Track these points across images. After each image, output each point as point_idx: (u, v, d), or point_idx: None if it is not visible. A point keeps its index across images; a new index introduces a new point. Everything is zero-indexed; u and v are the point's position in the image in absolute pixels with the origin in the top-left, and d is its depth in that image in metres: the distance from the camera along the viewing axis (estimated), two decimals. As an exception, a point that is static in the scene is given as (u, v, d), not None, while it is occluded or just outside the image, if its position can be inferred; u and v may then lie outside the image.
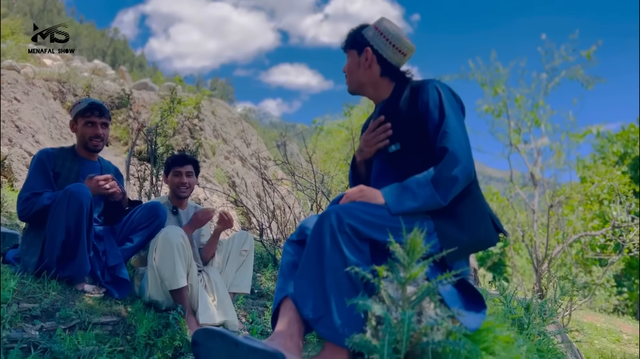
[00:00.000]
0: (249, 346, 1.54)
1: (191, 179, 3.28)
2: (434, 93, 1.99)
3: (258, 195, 4.78)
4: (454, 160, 1.84)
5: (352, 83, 2.22)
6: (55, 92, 7.56)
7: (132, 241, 2.93)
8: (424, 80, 2.08)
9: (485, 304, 1.78)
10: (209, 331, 1.61)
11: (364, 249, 1.73)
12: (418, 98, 2.02)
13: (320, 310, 1.66)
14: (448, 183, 1.83)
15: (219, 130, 9.35)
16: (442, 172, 1.84)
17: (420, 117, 2.00)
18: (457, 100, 2.04)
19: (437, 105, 1.96)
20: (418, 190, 1.84)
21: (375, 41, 2.14)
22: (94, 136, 2.92)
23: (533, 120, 8.53)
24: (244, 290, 3.28)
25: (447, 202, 1.84)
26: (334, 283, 1.67)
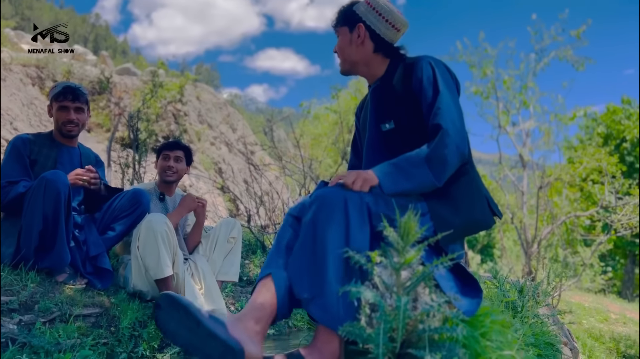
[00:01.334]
0: (209, 331, 1.46)
1: (179, 165, 3.18)
2: (427, 69, 1.91)
3: (245, 181, 4.67)
4: (448, 138, 1.77)
5: (345, 62, 2.13)
6: (33, 78, 7.33)
7: (114, 229, 2.82)
8: (418, 57, 2.00)
9: (481, 289, 1.72)
10: (174, 299, 1.53)
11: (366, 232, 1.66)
12: (412, 75, 1.95)
13: (315, 289, 1.58)
14: (441, 162, 1.76)
15: (204, 116, 9.17)
16: (436, 150, 1.77)
17: (414, 94, 1.93)
18: (451, 76, 1.97)
19: (431, 82, 1.88)
20: (411, 169, 1.77)
21: (368, 16, 2.05)
22: (67, 121, 2.80)
23: (522, 102, 8.48)
24: (232, 278, 3.21)
25: (442, 183, 1.77)
26: (333, 263, 1.59)
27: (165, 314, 1.55)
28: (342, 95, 13.51)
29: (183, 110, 8.13)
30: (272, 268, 1.75)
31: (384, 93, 2.04)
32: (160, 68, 8.11)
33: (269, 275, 1.72)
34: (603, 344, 5.01)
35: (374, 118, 2.09)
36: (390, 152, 1.94)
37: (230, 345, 1.45)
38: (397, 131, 1.99)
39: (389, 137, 2.01)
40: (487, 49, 8.88)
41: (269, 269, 1.75)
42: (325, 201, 1.64)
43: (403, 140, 1.95)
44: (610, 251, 17.67)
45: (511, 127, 8.38)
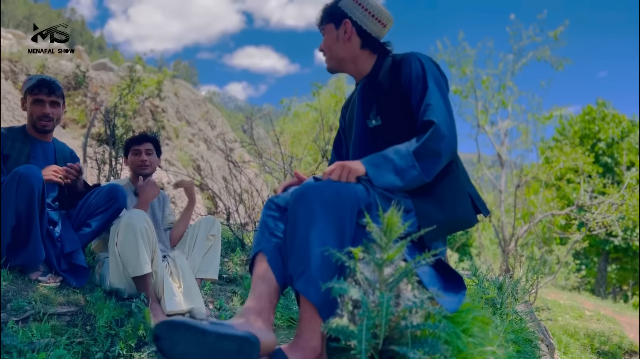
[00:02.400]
0: (217, 333, 1.44)
1: (152, 157, 3.13)
2: (417, 65, 1.91)
3: (224, 179, 4.63)
4: (439, 134, 1.78)
5: (332, 59, 2.11)
6: (6, 72, 7.14)
7: (90, 226, 2.76)
8: (407, 53, 2.00)
9: (464, 286, 1.72)
10: (171, 324, 1.49)
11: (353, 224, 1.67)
12: (401, 71, 1.94)
13: (302, 265, 1.57)
14: (432, 156, 1.76)
15: (182, 112, 9.06)
16: (426, 145, 1.77)
17: (402, 90, 1.93)
18: (440, 73, 1.97)
19: (420, 78, 1.88)
20: (399, 161, 1.76)
21: (354, 12, 2.04)
22: (42, 115, 2.72)
23: (500, 101, 8.60)
24: (212, 276, 3.17)
25: (431, 178, 1.77)
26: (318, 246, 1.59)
27: (168, 342, 1.50)
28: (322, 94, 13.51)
29: (161, 106, 8.02)
30: (262, 244, 1.76)
31: (371, 90, 2.03)
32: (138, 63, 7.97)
33: (259, 252, 1.74)
34: (578, 340, 5.11)
35: (360, 115, 2.08)
36: (377, 148, 1.93)
37: (244, 338, 1.44)
38: (384, 127, 1.98)
39: (376, 133, 2.01)
40: (466, 48, 9.02)
41: (259, 246, 1.76)
42: (311, 191, 1.63)
43: (390, 136, 1.95)
44: (585, 249, 18.05)
45: (490, 126, 8.51)
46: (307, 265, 1.59)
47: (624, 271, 20.16)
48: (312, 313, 1.59)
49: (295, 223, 1.65)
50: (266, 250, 1.74)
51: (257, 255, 1.76)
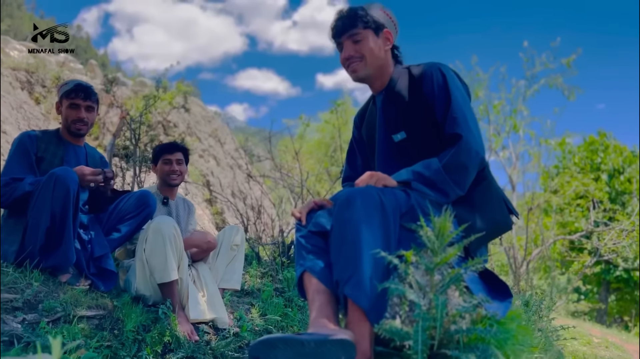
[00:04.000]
0: (315, 341, 1.45)
1: (182, 167, 3.15)
2: (438, 76, 1.93)
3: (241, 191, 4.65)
4: (466, 146, 1.80)
5: (370, 65, 2.03)
6: (23, 82, 7.22)
7: (120, 231, 2.77)
8: (426, 64, 2.00)
9: (510, 293, 1.74)
10: (267, 342, 1.48)
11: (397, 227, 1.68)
12: (422, 83, 1.96)
13: (350, 270, 1.58)
14: (462, 170, 1.79)
15: (193, 128, 9.14)
16: (455, 159, 1.79)
17: (426, 103, 1.94)
18: (462, 82, 1.99)
19: (443, 90, 1.90)
20: (431, 176, 1.79)
21: (387, 23, 2.07)
22: (77, 119, 2.76)
23: (512, 125, 8.69)
24: (234, 286, 3.16)
25: (465, 191, 1.80)
26: (367, 250, 1.59)
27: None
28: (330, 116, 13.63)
29: (173, 121, 8.10)
30: (305, 264, 1.78)
31: (392, 103, 2.04)
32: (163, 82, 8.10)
33: (304, 271, 1.76)
34: (588, 366, 5.05)
35: (383, 128, 2.08)
36: (405, 161, 1.95)
37: (342, 340, 1.46)
38: (409, 140, 1.99)
39: (402, 146, 2.01)
40: (479, 72, 9.14)
41: (302, 266, 1.78)
42: (358, 195, 1.65)
43: (416, 149, 1.96)
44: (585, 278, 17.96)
45: (501, 149, 8.59)
46: (355, 269, 1.60)
47: (625, 302, 20.03)
48: (360, 317, 1.60)
49: (342, 228, 1.66)
50: (309, 267, 1.76)
51: (303, 275, 1.79)
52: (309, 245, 1.83)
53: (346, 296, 1.61)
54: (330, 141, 14.25)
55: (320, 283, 1.73)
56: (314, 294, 1.74)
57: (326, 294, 1.72)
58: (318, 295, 1.72)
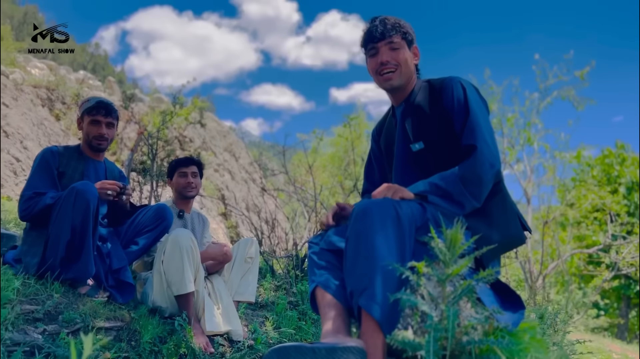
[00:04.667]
0: (327, 349, 1.48)
1: (196, 180, 3.22)
2: (458, 90, 1.97)
3: (256, 205, 4.71)
4: (482, 157, 1.83)
5: (404, 75, 2.06)
6: (44, 99, 7.40)
7: (138, 244, 2.83)
8: (446, 78, 2.04)
9: (523, 305, 1.74)
10: (281, 350, 1.52)
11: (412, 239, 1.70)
12: (442, 95, 2.00)
13: (364, 282, 1.61)
14: (477, 181, 1.81)
15: (209, 143, 9.27)
16: (470, 170, 1.82)
17: (445, 115, 1.97)
18: (480, 97, 2.03)
19: (462, 102, 1.93)
20: (448, 187, 1.82)
21: (415, 40, 2.14)
22: (98, 135, 2.84)
23: (526, 138, 8.67)
24: (249, 298, 3.19)
25: (481, 202, 1.82)
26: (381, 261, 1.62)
27: None
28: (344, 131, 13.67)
29: (189, 136, 8.23)
30: (317, 279, 1.84)
31: (412, 114, 2.07)
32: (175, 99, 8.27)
33: (316, 287, 1.82)
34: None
35: (402, 139, 2.11)
36: (422, 171, 1.98)
37: (353, 348, 1.51)
38: (427, 151, 2.02)
39: (420, 156, 2.05)
40: (492, 86, 9.15)
41: (314, 282, 1.84)
42: (374, 207, 1.68)
43: (434, 160, 1.99)
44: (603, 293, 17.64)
45: (516, 162, 8.58)
46: (369, 281, 1.62)
47: (645, 318, 19.65)
48: (374, 328, 1.62)
49: (358, 239, 1.69)
50: (321, 283, 1.81)
51: (315, 291, 1.84)
52: (321, 261, 1.87)
53: (360, 307, 1.63)
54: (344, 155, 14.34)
55: (332, 297, 1.77)
56: (325, 307, 1.77)
57: (338, 307, 1.75)
58: (330, 308, 1.76)
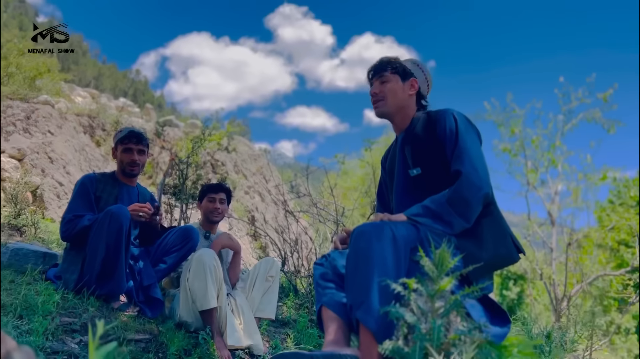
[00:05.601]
0: (325, 355, 1.67)
1: (223, 206, 3.44)
2: (450, 120, 2.14)
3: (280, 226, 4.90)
4: (467, 181, 1.98)
5: (391, 104, 2.31)
6: (85, 127, 7.88)
7: (166, 262, 3.06)
8: (441, 110, 2.24)
9: (509, 320, 1.87)
10: (283, 356, 1.72)
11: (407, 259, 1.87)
12: (436, 125, 2.18)
13: (362, 296, 1.78)
14: (463, 203, 1.96)
15: (240, 166, 9.59)
16: (456, 193, 1.97)
17: (439, 143, 2.15)
18: (472, 126, 2.19)
19: (453, 132, 2.11)
20: (438, 210, 1.98)
21: (418, 74, 2.33)
22: (130, 162, 3.10)
23: (550, 161, 8.64)
24: (269, 315, 3.36)
25: (471, 222, 1.97)
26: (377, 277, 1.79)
27: None
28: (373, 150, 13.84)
29: (220, 160, 8.57)
30: (321, 299, 2.04)
31: (411, 142, 2.26)
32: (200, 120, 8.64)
33: (321, 306, 2.01)
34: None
35: (401, 164, 2.30)
36: (420, 194, 2.15)
37: (348, 356, 1.71)
38: (424, 176, 2.19)
39: (417, 181, 2.22)
40: (515, 109, 9.19)
41: (320, 302, 2.04)
42: (371, 228, 1.86)
43: (430, 184, 2.16)
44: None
45: (540, 184, 8.54)
46: (366, 295, 1.79)
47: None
48: (370, 339, 1.78)
49: (356, 258, 1.87)
50: (326, 302, 2.02)
51: (321, 309, 2.04)
52: (326, 282, 2.08)
53: (358, 319, 1.80)
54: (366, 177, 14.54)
55: (333, 312, 1.96)
56: (328, 322, 1.96)
57: (339, 322, 1.93)
58: (332, 323, 1.94)
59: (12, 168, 5.89)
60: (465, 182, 1.97)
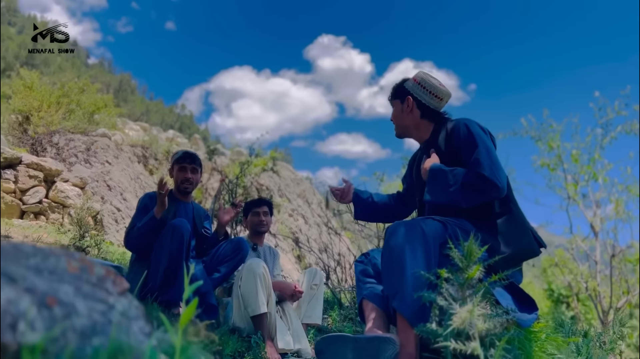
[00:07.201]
0: (366, 338, 1.89)
1: (267, 218, 3.71)
2: (464, 130, 2.34)
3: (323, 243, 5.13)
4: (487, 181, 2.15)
5: (398, 127, 2.61)
6: (139, 157, 8.42)
7: (220, 271, 3.32)
8: (456, 120, 2.45)
9: (537, 307, 2.02)
10: (329, 339, 1.95)
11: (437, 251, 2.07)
12: (452, 135, 2.38)
13: (397, 286, 1.97)
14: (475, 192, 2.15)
15: (283, 190, 9.94)
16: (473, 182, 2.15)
17: (456, 151, 2.35)
18: (484, 132, 2.37)
19: (468, 139, 2.30)
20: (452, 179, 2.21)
21: (415, 90, 2.55)
22: (184, 179, 3.41)
23: (590, 174, 8.56)
24: (316, 321, 3.56)
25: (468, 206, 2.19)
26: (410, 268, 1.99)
27: (329, 354, 1.98)
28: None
29: (265, 184, 8.94)
30: (362, 292, 2.26)
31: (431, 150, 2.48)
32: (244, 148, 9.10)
33: (362, 299, 2.23)
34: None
35: None
36: None
37: (388, 338, 1.90)
38: None
39: None
40: (552, 124, 9.18)
41: (360, 295, 2.27)
42: (402, 226, 2.07)
43: None
44: None
45: (581, 198, 8.43)
46: (400, 286, 1.99)
47: None
48: (406, 324, 1.97)
49: (389, 253, 2.08)
50: (366, 295, 2.24)
51: (362, 302, 2.25)
52: (366, 277, 2.30)
53: (394, 308, 2.00)
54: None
55: (374, 305, 2.17)
56: (369, 312, 2.17)
57: (378, 311, 2.14)
58: (372, 312, 2.14)
59: (76, 196, 6.39)
60: (483, 178, 2.14)
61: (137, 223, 3.17)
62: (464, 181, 2.17)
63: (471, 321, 1.81)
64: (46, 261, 0.92)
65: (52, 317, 0.75)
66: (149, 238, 3.11)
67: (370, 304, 2.19)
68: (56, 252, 0.98)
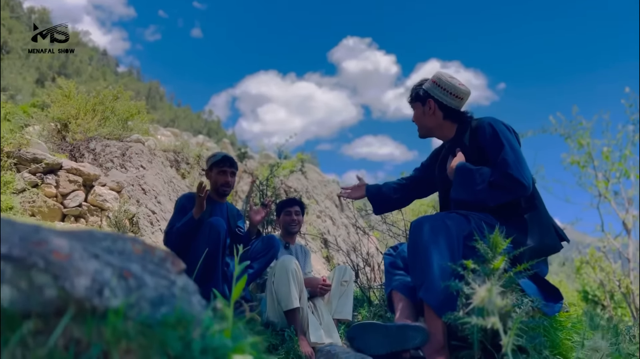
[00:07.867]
0: (397, 326, 2.00)
1: (299, 217, 3.84)
2: (489, 129, 2.40)
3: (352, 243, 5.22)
4: (514, 179, 2.21)
5: (422, 129, 2.68)
6: (171, 161, 8.68)
7: (253, 267, 3.45)
8: (481, 119, 2.51)
9: (562, 297, 2.08)
10: (361, 326, 2.07)
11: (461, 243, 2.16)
12: (478, 134, 2.44)
13: (423, 277, 2.06)
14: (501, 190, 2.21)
15: (311, 192, 10.07)
16: (501, 181, 2.22)
17: (481, 149, 2.41)
18: (509, 130, 2.42)
19: (493, 139, 2.36)
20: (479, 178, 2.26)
21: (434, 92, 2.59)
22: (224, 183, 3.56)
23: (622, 171, 8.43)
24: (346, 316, 3.67)
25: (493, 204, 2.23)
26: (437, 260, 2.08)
27: (361, 341, 2.11)
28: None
29: (293, 186, 9.09)
30: (391, 284, 2.36)
31: (456, 148, 2.55)
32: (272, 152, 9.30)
33: (391, 290, 2.32)
34: None
35: None
36: None
37: (417, 326, 2.01)
38: None
39: None
40: (582, 121, 9.09)
41: (389, 288, 2.37)
42: (426, 220, 2.16)
43: None
44: None
45: (613, 195, 8.32)
46: (426, 277, 2.08)
47: None
48: (433, 314, 2.06)
49: (415, 247, 2.18)
50: (395, 287, 2.33)
51: (391, 293, 2.34)
52: (395, 269, 2.40)
53: (421, 298, 2.09)
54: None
55: (403, 296, 2.27)
56: (397, 303, 2.27)
57: (407, 302, 2.23)
58: (401, 303, 2.24)
59: (113, 199, 6.65)
60: (510, 177, 2.21)
61: (176, 224, 3.33)
62: (491, 181, 2.23)
63: (490, 298, 1.89)
64: (115, 244, 1.06)
65: (129, 287, 0.88)
66: (187, 237, 3.26)
67: (399, 295, 2.29)
68: (122, 237, 1.12)
